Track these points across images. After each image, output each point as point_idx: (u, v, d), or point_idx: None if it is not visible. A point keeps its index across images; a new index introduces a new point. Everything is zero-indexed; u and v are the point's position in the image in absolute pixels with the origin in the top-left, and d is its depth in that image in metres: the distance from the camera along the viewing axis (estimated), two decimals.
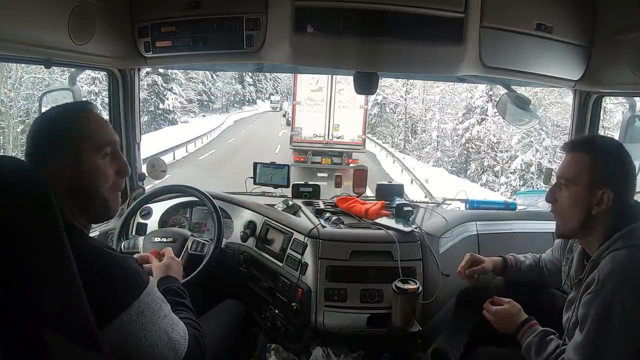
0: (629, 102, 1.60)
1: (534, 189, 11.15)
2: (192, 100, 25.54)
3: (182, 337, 0.80)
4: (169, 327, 0.77)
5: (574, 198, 0.95)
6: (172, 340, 0.77)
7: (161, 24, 1.40)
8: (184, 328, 0.82)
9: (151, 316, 0.73)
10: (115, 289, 0.69)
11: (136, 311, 0.71)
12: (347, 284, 1.34)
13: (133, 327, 0.71)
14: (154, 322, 0.74)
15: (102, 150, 0.77)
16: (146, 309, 0.72)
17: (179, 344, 0.79)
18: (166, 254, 1.13)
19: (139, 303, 0.71)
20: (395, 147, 19.46)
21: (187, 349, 0.80)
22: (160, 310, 0.76)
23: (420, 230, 1.43)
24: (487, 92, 15.65)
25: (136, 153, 1.76)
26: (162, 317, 0.76)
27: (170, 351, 0.77)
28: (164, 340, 0.76)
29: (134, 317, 0.71)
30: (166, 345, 0.76)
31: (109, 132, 0.79)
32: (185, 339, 0.81)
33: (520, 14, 1.33)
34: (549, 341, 0.99)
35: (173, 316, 0.80)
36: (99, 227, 1.67)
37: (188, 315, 0.94)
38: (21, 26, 1.01)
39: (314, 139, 9.95)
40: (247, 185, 1.92)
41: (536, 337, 1.01)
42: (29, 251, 0.51)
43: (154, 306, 0.74)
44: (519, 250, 1.66)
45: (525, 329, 1.05)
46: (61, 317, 0.55)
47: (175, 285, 1.04)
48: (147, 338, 0.73)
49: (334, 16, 1.27)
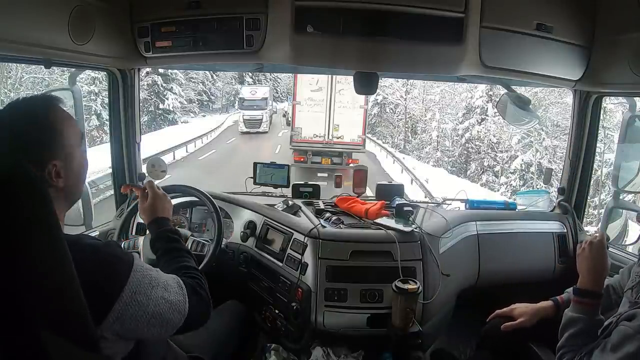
0: (629, 102, 1.60)
1: (534, 189, 11.15)
2: (192, 100, 25.52)
3: (178, 293, 0.78)
4: (164, 291, 0.76)
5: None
6: (170, 302, 0.76)
7: (161, 24, 1.40)
8: (179, 282, 0.80)
9: (144, 291, 0.72)
10: (103, 278, 0.68)
11: (129, 294, 0.70)
12: (347, 284, 1.34)
13: (130, 309, 0.70)
14: (148, 295, 0.72)
15: (81, 142, 0.79)
16: (137, 287, 0.71)
17: (179, 303, 0.78)
18: (149, 190, 1.06)
19: (129, 285, 0.70)
20: (395, 147, 19.46)
21: (188, 303, 0.79)
22: (151, 281, 0.74)
23: (420, 230, 1.43)
24: (487, 92, 15.65)
25: (136, 153, 1.76)
26: (154, 286, 0.74)
27: (173, 313, 0.76)
28: (163, 306, 0.75)
29: (128, 300, 0.69)
30: (167, 310, 0.75)
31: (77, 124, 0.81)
32: (183, 294, 0.79)
33: (520, 14, 1.33)
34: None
35: (163, 277, 0.78)
36: (99, 227, 1.67)
37: (184, 262, 0.91)
38: (21, 26, 1.01)
39: (314, 139, 9.96)
40: (247, 185, 1.92)
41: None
42: (27, 250, 0.51)
43: (143, 280, 0.73)
44: (518, 250, 1.66)
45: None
46: (60, 318, 0.55)
47: (166, 229, 0.99)
48: (146, 313, 0.72)
49: (334, 16, 1.27)
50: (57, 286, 0.55)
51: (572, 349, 0.95)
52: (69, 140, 0.75)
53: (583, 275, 1.03)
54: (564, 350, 0.97)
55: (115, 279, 0.69)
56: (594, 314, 0.98)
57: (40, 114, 0.74)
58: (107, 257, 0.70)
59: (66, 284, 0.56)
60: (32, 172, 0.55)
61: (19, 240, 0.50)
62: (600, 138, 1.89)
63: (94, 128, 14.43)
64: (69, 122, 0.77)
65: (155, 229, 1.00)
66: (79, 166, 0.79)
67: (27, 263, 0.51)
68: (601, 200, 9.59)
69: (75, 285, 0.57)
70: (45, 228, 0.54)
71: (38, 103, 0.76)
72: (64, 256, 0.56)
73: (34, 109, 0.74)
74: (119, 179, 1.76)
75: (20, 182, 0.52)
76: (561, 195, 1.77)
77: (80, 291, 0.57)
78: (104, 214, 1.80)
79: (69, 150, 0.75)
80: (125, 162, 1.74)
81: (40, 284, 0.52)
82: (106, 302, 0.67)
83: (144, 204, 1.05)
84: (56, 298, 0.54)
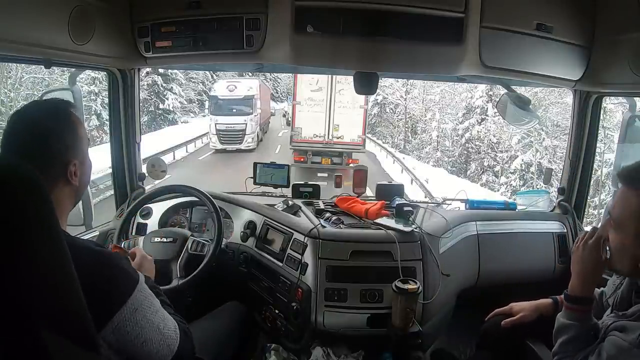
0: (629, 102, 1.60)
1: (534, 189, 11.15)
2: (192, 100, 25.50)
3: (173, 331, 0.80)
4: (161, 322, 0.78)
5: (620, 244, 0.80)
6: (164, 335, 0.78)
7: (161, 24, 1.40)
8: (174, 322, 0.83)
9: (144, 312, 0.73)
10: (108, 288, 0.69)
11: (130, 309, 0.71)
12: (347, 284, 1.34)
13: (128, 325, 0.70)
14: (147, 317, 0.74)
15: (88, 145, 0.83)
16: (139, 306, 0.72)
17: (171, 339, 0.79)
18: (137, 253, 1.12)
19: (132, 300, 0.71)
20: (395, 147, 19.45)
21: (178, 343, 0.81)
22: (152, 306, 0.76)
23: (420, 230, 1.43)
24: (487, 92, 15.65)
25: (136, 153, 1.76)
26: (154, 312, 0.76)
27: (163, 346, 0.78)
28: (157, 336, 0.76)
29: (128, 314, 0.70)
30: (159, 341, 0.77)
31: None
32: (177, 333, 0.81)
33: (520, 14, 1.33)
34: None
35: (163, 311, 0.80)
36: (99, 227, 1.67)
37: (172, 311, 0.93)
38: (21, 26, 1.01)
39: (314, 139, 9.96)
40: (247, 185, 1.92)
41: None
42: (28, 250, 0.51)
43: (145, 302, 0.74)
44: (518, 250, 1.66)
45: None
46: (60, 317, 0.55)
47: (150, 285, 1.03)
48: (141, 334, 0.73)
49: (334, 16, 1.27)
50: (57, 286, 0.55)
51: (566, 355, 0.93)
52: (83, 143, 0.81)
53: (573, 278, 0.97)
54: (559, 356, 0.95)
55: (120, 290, 0.71)
56: (586, 320, 0.94)
57: (66, 116, 0.79)
58: (116, 268, 0.72)
59: (66, 284, 0.56)
60: (33, 172, 0.55)
61: (19, 240, 0.50)
62: (600, 138, 1.89)
63: (94, 128, 14.44)
64: (82, 125, 0.82)
65: None
66: (89, 167, 0.84)
67: (28, 262, 0.51)
68: (601, 200, 9.59)
69: (75, 285, 0.56)
70: (46, 228, 0.54)
71: (61, 107, 0.81)
72: (64, 256, 0.56)
73: (59, 112, 0.79)
74: (119, 179, 1.76)
75: (20, 181, 0.52)
76: (561, 195, 1.77)
77: (81, 291, 0.57)
78: (104, 214, 1.80)
79: (83, 151, 0.81)
80: (125, 162, 1.74)
81: (40, 284, 0.52)
82: (107, 311, 0.68)
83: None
84: (56, 297, 0.54)
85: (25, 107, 0.79)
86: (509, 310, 1.26)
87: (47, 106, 0.80)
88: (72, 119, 0.79)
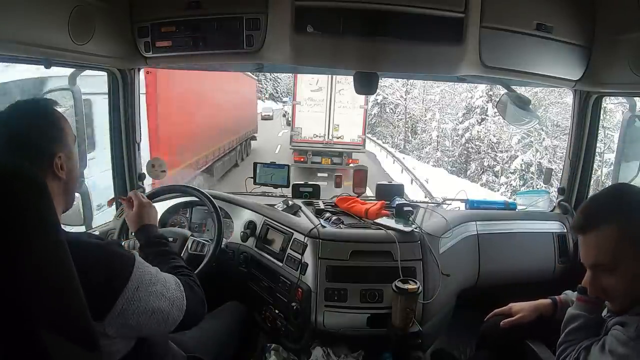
0: (629, 102, 1.60)
1: (534, 189, 11.15)
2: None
3: (177, 290, 0.82)
4: (163, 288, 0.79)
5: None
6: (170, 299, 0.79)
7: (161, 24, 1.40)
8: (176, 280, 0.84)
9: (145, 287, 0.74)
10: (108, 276, 0.70)
11: (131, 290, 0.72)
12: (347, 284, 1.34)
13: (133, 305, 0.72)
14: (149, 291, 0.75)
15: (75, 144, 0.84)
16: (139, 284, 0.73)
17: (177, 300, 0.81)
18: (134, 200, 1.11)
19: (131, 282, 0.72)
20: (395, 147, 19.46)
21: (186, 300, 0.82)
22: (151, 277, 0.77)
23: (420, 230, 1.43)
24: (487, 92, 15.65)
25: (136, 153, 1.76)
26: (155, 282, 0.77)
27: (173, 309, 0.79)
28: (163, 302, 0.77)
29: (131, 295, 0.72)
30: (167, 306, 0.78)
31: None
32: (181, 290, 0.83)
33: (520, 14, 1.33)
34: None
35: (162, 275, 0.81)
36: (99, 227, 1.67)
37: (175, 263, 0.94)
38: (21, 26, 1.01)
39: (314, 139, 9.96)
40: (247, 185, 1.92)
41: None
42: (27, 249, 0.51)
43: (144, 277, 0.75)
44: (518, 250, 1.66)
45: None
46: (60, 317, 0.55)
47: (154, 235, 1.03)
48: (147, 308, 0.74)
49: (334, 16, 1.27)
50: (57, 285, 0.55)
51: (571, 344, 0.96)
52: (68, 137, 0.81)
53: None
54: (564, 346, 0.97)
55: (118, 274, 0.71)
56: (595, 311, 0.97)
57: (47, 111, 0.80)
58: (110, 254, 0.73)
59: (66, 283, 0.56)
60: (33, 170, 0.55)
61: (19, 239, 0.50)
62: (600, 138, 1.89)
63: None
64: (66, 122, 0.82)
65: (143, 236, 1.04)
66: (75, 164, 0.84)
67: (27, 262, 0.51)
68: None
69: (75, 284, 0.56)
70: (46, 226, 0.54)
71: (41, 103, 0.82)
72: (64, 255, 0.56)
73: (38, 108, 0.80)
74: (119, 178, 1.76)
75: (21, 179, 0.52)
76: (561, 195, 1.77)
77: (80, 290, 0.57)
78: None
79: (69, 146, 0.81)
80: (125, 162, 1.74)
81: (40, 283, 0.52)
82: (110, 297, 0.69)
83: (129, 213, 1.10)
84: (56, 297, 0.54)
85: (6, 108, 0.79)
86: (508, 310, 1.26)
87: (25, 106, 0.80)
88: (55, 114, 0.80)
